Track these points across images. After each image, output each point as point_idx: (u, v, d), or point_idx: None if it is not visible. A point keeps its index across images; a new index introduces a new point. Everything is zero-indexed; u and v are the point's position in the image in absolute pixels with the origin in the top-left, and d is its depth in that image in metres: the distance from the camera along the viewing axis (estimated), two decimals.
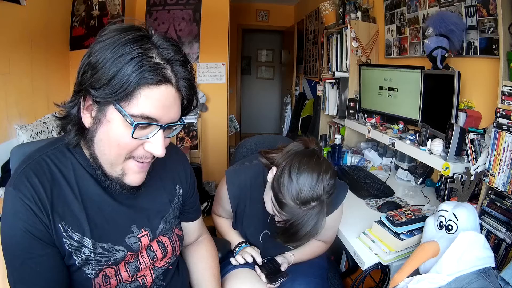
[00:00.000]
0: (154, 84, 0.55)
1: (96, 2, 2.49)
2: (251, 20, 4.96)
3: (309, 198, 0.80)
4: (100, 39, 0.56)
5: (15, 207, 0.60)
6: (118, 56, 0.54)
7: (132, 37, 0.55)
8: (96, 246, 0.66)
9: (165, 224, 0.79)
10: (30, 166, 0.63)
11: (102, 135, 0.60)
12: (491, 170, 1.09)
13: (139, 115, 0.56)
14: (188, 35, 3.00)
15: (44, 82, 1.98)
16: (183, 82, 0.60)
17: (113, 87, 0.54)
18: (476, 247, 0.86)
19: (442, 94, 1.43)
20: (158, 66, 0.56)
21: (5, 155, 1.49)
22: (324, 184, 0.82)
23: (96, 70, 0.55)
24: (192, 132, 2.95)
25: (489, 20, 1.27)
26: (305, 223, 0.81)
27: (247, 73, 5.97)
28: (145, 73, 0.54)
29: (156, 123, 0.58)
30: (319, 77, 2.97)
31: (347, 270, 1.30)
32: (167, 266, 0.81)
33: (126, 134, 0.58)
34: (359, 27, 2.16)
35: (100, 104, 0.57)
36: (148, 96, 0.56)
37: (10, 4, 1.56)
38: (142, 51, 0.55)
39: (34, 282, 0.61)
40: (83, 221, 0.65)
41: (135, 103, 0.56)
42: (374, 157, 2.04)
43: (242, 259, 1.03)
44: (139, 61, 0.54)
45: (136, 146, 0.61)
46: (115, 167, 0.63)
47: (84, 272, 0.66)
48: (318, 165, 0.84)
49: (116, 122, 0.57)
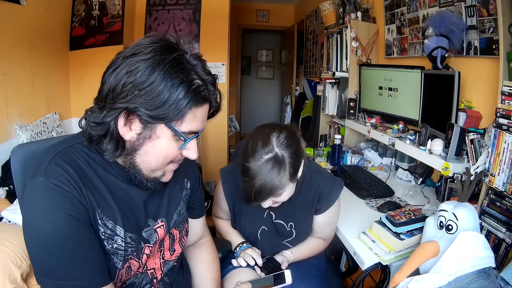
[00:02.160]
0: (199, 104, 0.63)
1: (96, 2, 2.49)
2: (251, 20, 4.96)
3: (262, 153, 0.85)
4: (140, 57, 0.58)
5: (52, 195, 0.58)
6: (169, 79, 0.58)
7: (174, 59, 0.60)
8: (126, 235, 0.68)
9: (178, 216, 0.83)
10: (59, 156, 0.63)
11: (149, 148, 0.64)
12: (491, 170, 1.09)
13: (188, 131, 0.64)
14: (188, 35, 3.00)
15: (44, 82, 1.98)
16: (214, 99, 0.68)
17: (167, 110, 0.59)
18: (476, 247, 0.86)
19: (442, 94, 1.43)
20: (200, 89, 0.62)
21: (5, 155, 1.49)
22: (273, 138, 0.86)
23: (145, 92, 0.58)
24: None
25: (489, 20, 1.27)
26: (262, 172, 0.84)
27: (247, 73, 5.97)
28: (193, 96, 0.61)
29: (197, 135, 0.67)
30: (319, 77, 2.97)
31: (347, 270, 1.30)
32: (174, 261, 0.84)
33: (175, 147, 0.65)
34: (359, 27, 2.16)
35: (148, 122, 0.61)
36: (196, 115, 0.63)
37: (10, 4, 1.56)
38: (186, 74, 0.60)
39: (88, 272, 0.60)
40: (115, 210, 0.67)
41: (187, 123, 0.63)
42: (374, 157, 2.04)
43: (243, 261, 1.03)
44: (187, 85, 0.60)
45: (179, 154, 0.68)
46: (157, 172, 0.69)
47: (113, 260, 0.67)
48: (267, 126, 0.90)
49: (166, 138, 0.63)
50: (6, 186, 1.52)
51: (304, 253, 1.13)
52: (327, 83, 2.53)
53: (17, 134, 1.64)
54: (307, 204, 1.05)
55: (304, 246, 1.13)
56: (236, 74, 5.24)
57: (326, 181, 1.06)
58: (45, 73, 1.98)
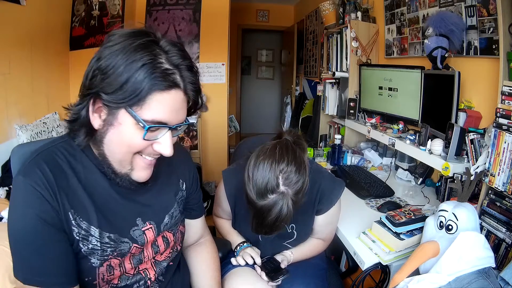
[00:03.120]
0: (164, 89, 0.58)
1: (96, 2, 2.49)
2: (251, 20, 4.96)
3: (265, 191, 0.81)
4: (109, 44, 0.58)
5: (26, 194, 0.60)
6: (130, 62, 0.56)
7: (141, 43, 0.57)
8: (103, 236, 0.67)
9: (171, 218, 0.81)
10: (40, 156, 0.65)
11: (112, 136, 0.62)
12: (491, 170, 1.09)
13: (151, 119, 0.59)
14: (188, 35, 3.00)
15: (44, 82, 1.98)
16: (190, 86, 0.62)
17: (125, 93, 0.56)
18: (476, 247, 0.86)
19: (442, 94, 1.43)
20: (168, 72, 0.58)
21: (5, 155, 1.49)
22: (280, 175, 0.81)
23: (107, 75, 0.57)
24: (192, 132, 2.95)
25: (489, 20, 1.27)
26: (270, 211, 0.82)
27: (247, 73, 5.97)
28: (156, 79, 0.57)
29: (166, 126, 0.61)
30: (319, 77, 2.97)
31: (347, 270, 1.30)
32: (168, 261, 0.82)
33: (137, 136, 0.60)
34: (359, 27, 2.16)
35: (110, 107, 0.59)
36: (159, 101, 0.58)
37: (10, 4, 1.56)
38: (152, 57, 0.57)
39: (47, 270, 0.61)
40: (90, 210, 0.66)
41: (147, 108, 0.58)
42: (374, 157, 2.04)
43: (242, 260, 1.03)
44: (150, 67, 0.56)
45: (146, 146, 0.63)
46: (124, 163, 0.65)
47: (90, 260, 0.67)
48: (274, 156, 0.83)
49: (127, 125, 0.60)
50: (6, 186, 1.52)
51: (304, 253, 1.12)
52: (327, 83, 2.53)
53: (17, 134, 1.64)
54: (308, 205, 1.04)
55: (304, 246, 1.13)
56: (236, 74, 5.24)
57: (327, 182, 1.06)
58: (45, 73, 1.98)
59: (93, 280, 0.68)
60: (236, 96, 5.25)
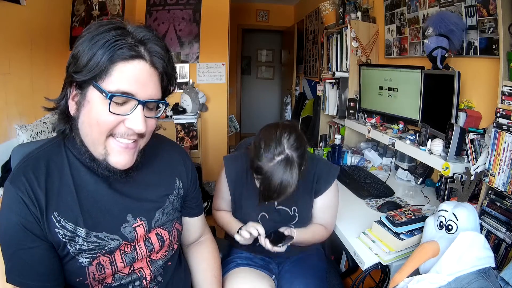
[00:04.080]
0: (127, 59, 0.59)
1: (96, 2, 2.49)
2: (251, 20, 4.96)
3: (272, 153, 0.92)
4: (82, 34, 0.61)
5: (10, 200, 0.64)
6: (94, 42, 0.58)
7: (108, 28, 0.60)
8: (90, 235, 0.68)
9: (162, 215, 0.80)
10: (27, 162, 0.67)
11: (83, 117, 0.63)
12: (491, 170, 1.09)
13: (115, 90, 0.59)
14: (188, 35, 3.00)
15: (44, 82, 1.98)
16: (157, 58, 0.63)
17: (89, 68, 0.58)
18: (476, 247, 0.86)
19: (442, 94, 1.43)
20: (130, 45, 0.60)
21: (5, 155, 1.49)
22: (284, 140, 0.93)
23: (76, 59, 0.60)
24: (192, 132, 2.95)
25: (489, 20, 1.27)
26: (277, 174, 0.91)
27: (247, 73, 5.96)
28: (117, 51, 0.58)
29: (132, 97, 0.61)
30: (319, 77, 2.97)
31: (347, 270, 1.30)
32: (164, 260, 0.81)
33: (105, 111, 0.60)
34: (359, 27, 2.16)
35: (81, 88, 0.61)
36: (122, 71, 0.59)
37: (10, 4, 1.56)
38: (116, 34, 0.59)
39: (25, 272, 0.64)
40: (76, 211, 0.67)
41: (111, 80, 0.59)
42: (374, 157, 2.04)
43: (246, 232, 1.01)
44: (112, 42, 0.58)
45: (116, 123, 0.62)
46: (98, 146, 0.64)
47: (78, 261, 0.67)
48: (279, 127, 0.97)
49: (95, 101, 0.61)
50: None
51: (307, 234, 1.11)
52: (327, 83, 2.53)
53: (17, 134, 1.63)
54: (307, 186, 1.10)
55: (306, 229, 1.13)
56: (236, 74, 5.24)
57: (323, 165, 1.14)
58: (45, 73, 1.98)
59: (84, 280, 0.68)
60: (236, 96, 5.25)
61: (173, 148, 0.87)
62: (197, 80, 3.07)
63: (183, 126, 2.92)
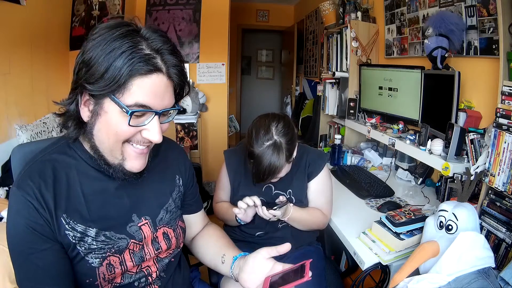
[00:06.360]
0: (145, 74, 0.59)
1: (96, 2, 2.49)
2: (251, 20, 4.96)
3: (262, 140, 1.04)
4: (92, 37, 0.60)
5: (18, 205, 0.63)
6: (109, 51, 0.57)
7: (121, 33, 0.58)
8: (99, 234, 0.68)
9: (166, 213, 0.81)
10: (33, 167, 0.67)
11: (100, 125, 0.63)
12: (491, 170, 1.09)
13: (134, 104, 0.59)
14: (188, 35, 3.00)
15: (44, 82, 1.98)
16: (174, 70, 0.63)
17: (106, 80, 0.57)
18: (476, 247, 0.86)
19: (442, 94, 1.43)
20: (148, 57, 0.59)
21: (5, 155, 1.49)
22: (273, 127, 1.05)
23: (89, 67, 0.58)
24: (192, 132, 2.95)
25: (489, 20, 1.27)
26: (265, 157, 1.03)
27: (247, 73, 5.97)
28: (135, 64, 0.57)
29: (150, 110, 0.61)
30: (319, 77, 2.97)
31: (347, 270, 1.30)
32: (169, 258, 0.83)
33: (124, 123, 0.60)
34: (359, 27, 2.16)
35: (96, 97, 0.61)
36: (140, 85, 0.59)
37: (10, 4, 1.56)
38: (131, 44, 0.58)
39: (38, 277, 0.63)
40: (84, 212, 0.67)
41: (129, 93, 0.59)
42: (374, 157, 2.04)
43: (243, 203, 1.05)
44: (129, 54, 0.57)
45: (134, 133, 0.63)
46: (115, 153, 0.65)
47: (88, 261, 0.67)
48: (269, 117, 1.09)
49: (113, 112, 0.60)
50: (6, 186, 1.52)
51: (303, 212, 1.17)
52: (327, 83, 2.53)
53: (17, 134, 1.63)
54: (300, 170, 1.20)
55: (303, 208, 1.19)
56: (236, 74, 5.24)
57: (313, 152, 1.25)
58: (45, 73, 1.98)
59: (94, 281, 0.68)
60: (236, 96, 5.25)
61: (171, 147, 0.88)
62: (197, 80, 3.07)
63: (183, 126, 2.92)
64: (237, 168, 1.23)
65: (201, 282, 1.04)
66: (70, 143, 0.70)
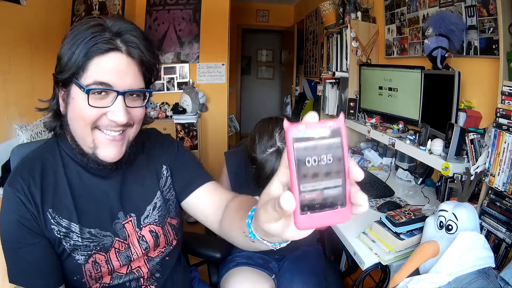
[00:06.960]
0: (102, 53, 0.60)
1: (96, 2, 2.49)
2: (251, 20, 4.96)
3: (265, 146, 1.03)
4: (65, 36, 0.63)
5: (9, 201, 0.66)
6: (73, 42, 0.60)
7: (87, 26, 0.61)
8: (84, 231, 0.69)
9: (153, 210, 0.78)
10: (24, 164, 0.70)
11: (70, 113, 0.65)
12: (491, 170, 1.09)
13: (92, 82, 0.60)
14: (188, 35, 3.00)
15: (44, 82, 1.98)
16: (135, 49, 0.63)
17: (69, 66, 0.60)
18: (476, 247, 0.87)
19: (442, 94, 1.43)
20: (106, 39, 0.61)
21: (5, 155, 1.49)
22: (276, 133, 1.04)
23: (59, 60, 0.62)
24: (192, 132, 2.95)
25: (489, 20, 1.27)
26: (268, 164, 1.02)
27: (247, 73, 5.96)
28: (93, 46, 0.59)
29: (110, 88, 0.61)
30: (319, 77, 2.97)
31: (347, 270, 1.30)
32: (162, 256, 0.80)
33: (86, 105, 0.61)
34: (359, 27, 2.16)
35: (65, 86, 0.64)
36: (98, 64, 0.60)
37: (10, 4, 1.56)
38: (93, 31, 0.60)
39: (27, 271, 0.65)
40: (70, 208, 0.68)
41: (88, 74, 0.60)
42: (374, 157, 2.04)
43: None
44: (89, 39, 0.59)
45: (98, 116, 0.63)
46: (86, 140, 0.65)
47: (74, 258, 0.68)
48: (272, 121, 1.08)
49: (78, 97, 0.62)
50: None
51: None
52: (327, 83, 2.53)
53: (17, 134, 1.63)
54: None
55: None
56: (236, 74, 5.24)
57: None
58: (45, 73, 1.98)
59: (81, 278, 0.69)
60: (236, 96, 5.25)
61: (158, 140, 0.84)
62: (197, 80, 3.07)
63: (183, 126, 2.92)
64: (237, 169, 1.23)
65: (201, 282, 1.04)
66: (58, 140, 0.72)
